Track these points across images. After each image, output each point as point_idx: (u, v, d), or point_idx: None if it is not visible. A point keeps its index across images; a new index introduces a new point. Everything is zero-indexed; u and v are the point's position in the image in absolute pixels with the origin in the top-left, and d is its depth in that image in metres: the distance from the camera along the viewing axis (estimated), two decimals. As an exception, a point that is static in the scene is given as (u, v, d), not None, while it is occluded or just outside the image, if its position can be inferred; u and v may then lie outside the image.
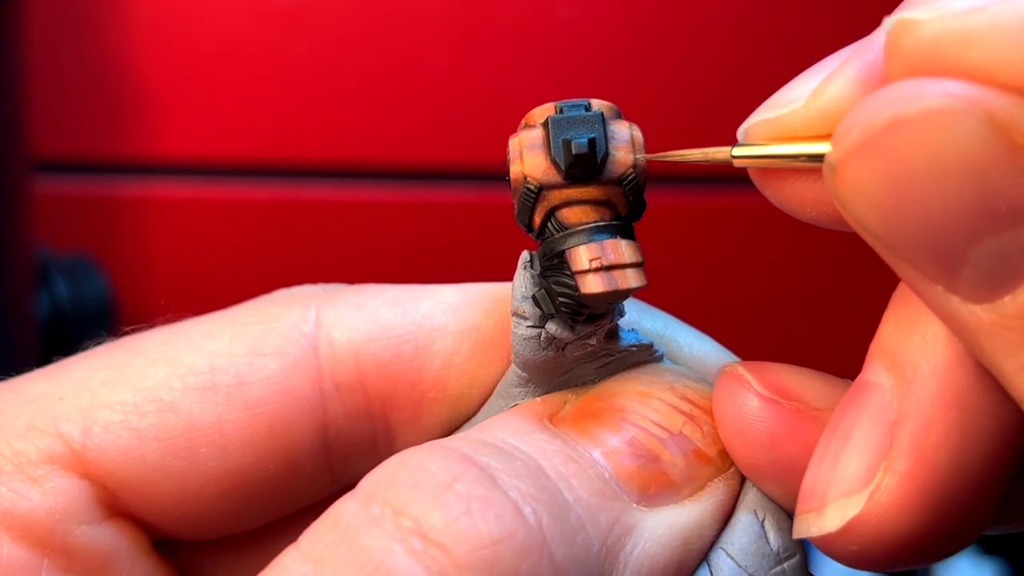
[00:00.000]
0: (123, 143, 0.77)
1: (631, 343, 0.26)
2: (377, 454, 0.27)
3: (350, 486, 0.28)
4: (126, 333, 0.28)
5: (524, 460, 0.22)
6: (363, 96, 0.78)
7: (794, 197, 0.22)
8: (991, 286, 0.18)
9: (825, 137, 0.20)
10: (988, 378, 0.20)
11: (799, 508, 0.22)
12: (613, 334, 0.25)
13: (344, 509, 0.22)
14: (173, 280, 0.79)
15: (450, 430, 0.27)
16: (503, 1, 0.77)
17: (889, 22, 0.18)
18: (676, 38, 0.79)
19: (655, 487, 0.23)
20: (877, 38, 0.20)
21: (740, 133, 0.22)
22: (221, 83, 0.77)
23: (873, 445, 0.21)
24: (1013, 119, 0.17)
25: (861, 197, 0.18)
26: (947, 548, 0.21)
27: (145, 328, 0.28)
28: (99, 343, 0.28)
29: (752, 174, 0.22)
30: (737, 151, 0.22)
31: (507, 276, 0.28)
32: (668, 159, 0.24)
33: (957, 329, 0.19)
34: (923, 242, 0.18)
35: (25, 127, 0.64)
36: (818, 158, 0.20)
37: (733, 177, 0.82)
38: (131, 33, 0.76)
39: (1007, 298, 0.18)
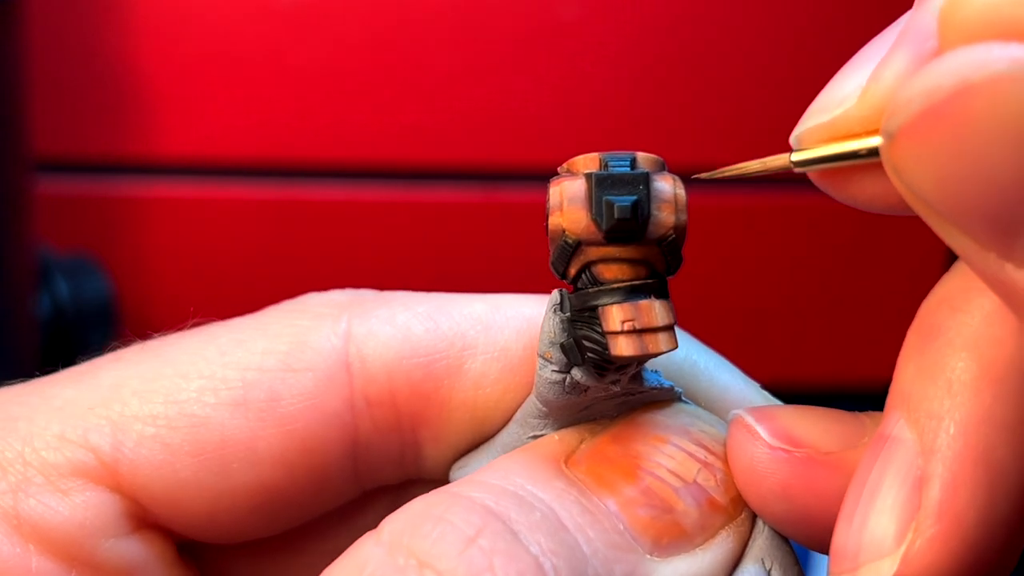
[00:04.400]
0: (123, 143, 0.77)
1: (653, 385, 0.26)
2: (403, 466, 0.28)
3: (373, 492, 0.28)
4: (153, 338, 0.27)
5: (543, 511, 0.23)
6: (363, 96, 0.78)
7: (861, 193, 0.21)
8: None
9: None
10: (1014, 432, 0.20)
11: (832, 569, 0.22)
12: (637, 376, 0.25)
13: (368, 554, 0.22)
14: (173, 280, 0.79)
15: (472, 447, 0.28)
16: (504, 2, 0.77)
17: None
18: (676, 38, 0.79)
19: (668, 537, 0.24)
20: (920, 24, 0.20)
21: (793, 140, 0.22)
22: (221, 83, 0.77)
23: (900, 504, 0.21)
24: None
25: (920, 166, 0.18)
26: None
27: (173, 333, 0.27)
28: (125, 345, 0.27)
29: (812, 175, 0.22)
30: (796, 156, 0.22)
31: (506, 276, 0.28)
32: (727, 175, 0.24)
33: (1008, 296, 0.19)
34: (982, 209, 0.18)
35: (25, 127, 0.64)
36: (878, 151, 0.20)
37: (735, 176, 0.82)
38: (131, 33, 0.76)
39: None
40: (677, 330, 0.24)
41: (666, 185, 0.23)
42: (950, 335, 0.21)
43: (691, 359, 0.27)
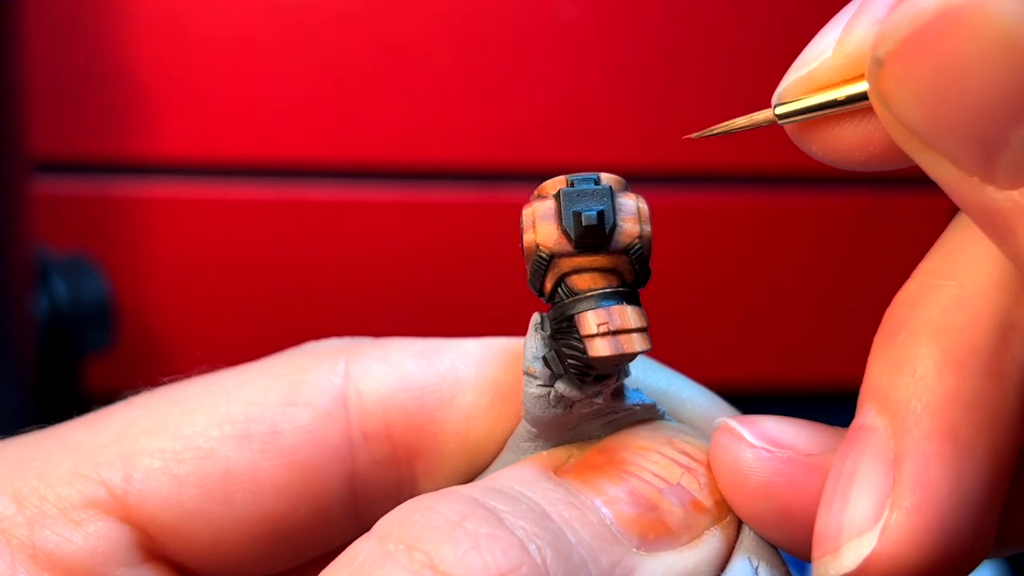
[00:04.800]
0: (122, 143, 0.77)
1: (635, 402, 0.27)
2: (402, 501, 0.29)
3: None
4: (163, 384, 0.29)
5: (529, 504, 0.24)
6: (363, 96, 0.78)
7: (839, 145, 0.22)
8: None
9: (859, 78, 0.21)
10: (978, 411, 0.21)
11: (815, 553, 0.23)
12: (619, 393, 0.27)
13: (360, 548, 0.23)
14: (173, 280, 0.79)
15: (467, 480, 0.29)
16: (504, 2, 0.77)
17: None
18: (676, 38, 0.79)
19: (654, 533, 0.24)
20: None
21: (776, 96, 0.23)
22: (221, 83, 0.77)
23: (877, 485, 0.22)
24: None
25: (907, 91, 0.19)
26: (957, 572, 0.22)
27: (182, 378, 0.29)
28: (137, 393, 0.29)
29: (793, 131, 0.23)
30: (780, 109, 0.23)
31: (505, 277, 0.29)
32: (715, 133, 0.26)
33: (990, 221, 0.19)
34: (964, 128, 0.19)
35: (24, 127, 0.64)
36: (857, 97, 0.21)
37: (733, 177, 0.82)
38: (130, 33, 0.76)
39: None
40: (658, 362, 0.26)
41: (629, 200, 0.25)
42: (912, 327, 0.22)
43: (674, 386, 0.28)
